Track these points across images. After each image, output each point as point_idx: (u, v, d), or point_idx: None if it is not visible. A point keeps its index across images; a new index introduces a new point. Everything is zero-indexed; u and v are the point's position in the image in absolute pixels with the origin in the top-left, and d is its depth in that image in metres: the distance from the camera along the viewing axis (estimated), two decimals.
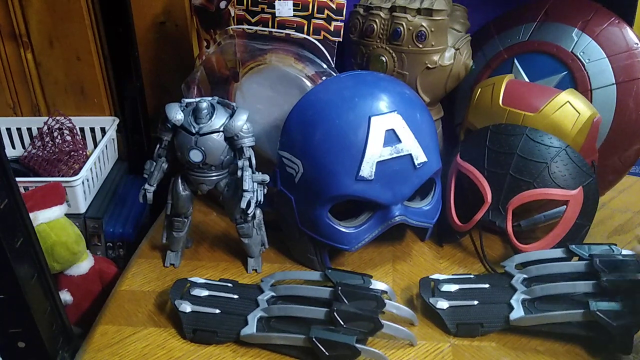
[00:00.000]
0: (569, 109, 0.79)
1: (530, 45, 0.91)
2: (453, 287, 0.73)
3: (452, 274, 0.77)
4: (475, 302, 0.71)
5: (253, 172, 0.75)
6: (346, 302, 0.69)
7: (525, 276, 0.73)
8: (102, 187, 1.06)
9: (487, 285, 0.73)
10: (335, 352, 0.64)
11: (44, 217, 0.81)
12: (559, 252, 0.75)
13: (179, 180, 0.79)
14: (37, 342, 0.65)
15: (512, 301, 0.69)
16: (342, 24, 0.87)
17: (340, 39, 0.88)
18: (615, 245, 0.73)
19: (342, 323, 0.66)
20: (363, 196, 0.75)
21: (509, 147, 0.79)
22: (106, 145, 1.09)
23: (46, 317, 0.66)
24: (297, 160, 0.77)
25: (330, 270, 0.75)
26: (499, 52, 0.95)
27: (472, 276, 0.76)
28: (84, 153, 1.10)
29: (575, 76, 0.87)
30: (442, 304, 0.71)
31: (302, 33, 0.88)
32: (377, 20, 0.90)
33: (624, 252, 0.73)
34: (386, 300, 0.70)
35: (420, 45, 0.88)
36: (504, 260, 0.77)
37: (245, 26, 0.89)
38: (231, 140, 0.74)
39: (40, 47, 1.08)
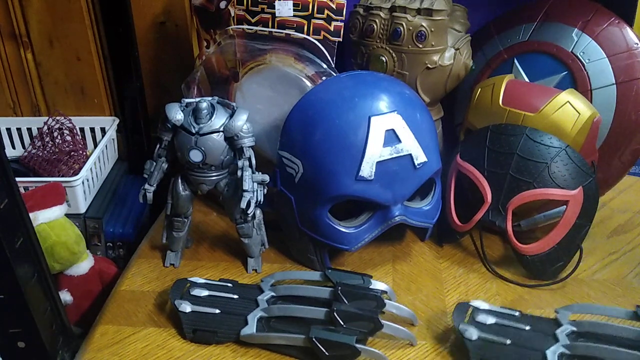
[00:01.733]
0: (569, 109, 0.79)
1: (530, 45, 0.91)
2: (490, 320, 0.66)
3: (499, 307, 0.70)
4: (508, 341, 0.63)
5: (253, 172, 0.75)
6: (346, 302, 0.69)
7: (574, 328, 0.66)
8: (102, 187, 1.06)
9: (527, 328, 0.66)
10: (335, 352, 0.64)
11: (44, 217, 0.81)
12: None
13: (179, 180, 0.79)
14: (37, 342, 0.65)
15: (548, 352, 0.62)
16: (342, 24, 0.87)
17: (340, 39, 0.88)
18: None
19: (342, 323, 0.66)
20: (363, 196, 0.75)
21: (509, 147, 0.79)
22: (106, 145, 1.09)
23: (46, 317, 0.66)
24: (297, 160, 0.77)
25: (330, 270, 0.75)
26: (499, 52, 0.95)
27: (516, 314, 0.69)
28: (84, 153, 1.10)
29: (575, 76, 0.87)
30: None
31: (302, 33, 0.88)
32: (377, 20, 0.90)
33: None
34: (386, 300, 0.70)
35: (420, 45, 0.88)
36: (505, 264, 0.76)
37: (245, 26, 0.89)
38: (231, 140, 0.74)
39: (40, 47, 1.08)
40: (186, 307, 0.70)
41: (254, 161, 0.75)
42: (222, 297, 0.72)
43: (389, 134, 0.73)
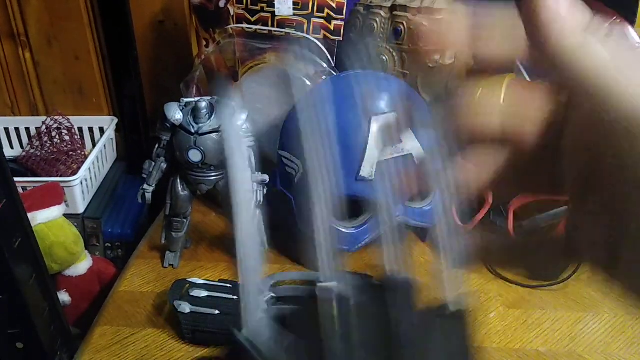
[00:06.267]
0: None
1: None
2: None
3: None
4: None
5: (253, 172, 0.74)
6: None
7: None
8: (100, 187, 1.06)
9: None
10: None
11: (42, 218, 0.80)
12: None
13: (178, 181, 0.79)
14: (35, 343, 0.65)
15: None
16: (342, 23, 0.87)
17: (340, 38, 0.88)
18: None
19: None
20: (363, 196, 0.74)
21: None
22: (105, 145, 1.08)
23: (44, 317, 0.66)
24: (296, 160, 0.77)
25: None
26: None
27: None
28: (83, 153, 1.09)
29: None
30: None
31: (302, 32, 0.87)
32: (377, 19, 0.89)
33: None
34: None
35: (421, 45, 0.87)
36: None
37: (245, 25, 0.89)
38: None
39: (38, 47, 1.07)
40: (185, 308, 0.69)
41: (253, 161, 0.75)
42: (222, 297, 0.72)
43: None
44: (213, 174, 0.77)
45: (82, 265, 0.88)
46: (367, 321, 0.27)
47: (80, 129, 1.13)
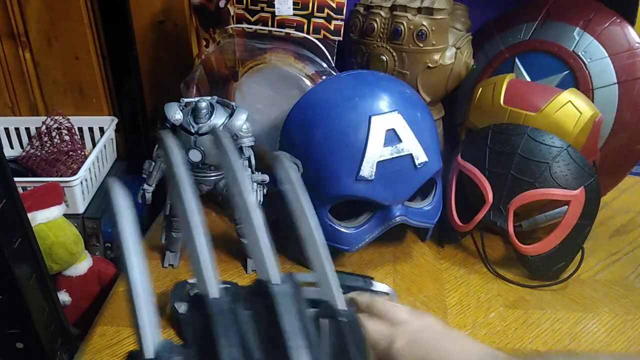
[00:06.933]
0: (571, 109, 0.79)
1: (531, 44, 0.91)
2: None
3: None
4: None
5: (253, 172, 0.74)
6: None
7: None
8: (100, 187, 1.06)
9: None
10: None
11: (42, 217, 0.80)
12: None
13: None
14: (35, 343, 0.65)
15: None
16: (342, 23, 0.87)
17: (341, 38, 0.88)
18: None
19: None
20: (363, 196, 0.75)
21: (510, 147, 0.79)
22: (105, 145, 1.08)
23: (44, 317, 0.66)
24: (296, 160, 0.77)
25: None
26: (500, 52, 0.94)
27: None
28: (83, 153, 1.09)
29: (577, 75, 0.87)
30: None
31: (302, 32, 0.87)
32: (377, 19, 0.89)
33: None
34: None
35: (421, 45, 0.87)
36: (507, 264, 0.76)
37: (245, 25, 0.89)
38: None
39: (38, 47, 1.07)
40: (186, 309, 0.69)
41: (253, 161, 0.75)
42: None
43: (390, 133, 0.73)
44: (213, 174, 0.77)
45: (82, 265, 0.88)
46: (258, 329, 0.30)
47: (80, 129, 1.13)
